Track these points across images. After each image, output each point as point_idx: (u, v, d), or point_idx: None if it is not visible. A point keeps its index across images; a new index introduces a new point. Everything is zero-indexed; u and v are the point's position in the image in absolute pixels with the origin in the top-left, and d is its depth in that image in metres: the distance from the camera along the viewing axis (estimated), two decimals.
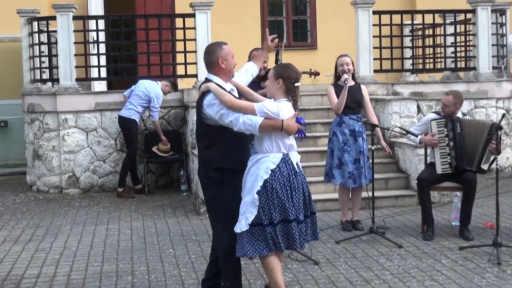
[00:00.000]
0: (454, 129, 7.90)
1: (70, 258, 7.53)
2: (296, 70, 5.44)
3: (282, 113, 5.28)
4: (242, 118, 5.25)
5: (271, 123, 5.25)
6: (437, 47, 13.70)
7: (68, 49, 11.63)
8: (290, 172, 5.35)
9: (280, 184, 5.29)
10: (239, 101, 5.33)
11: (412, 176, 9.91)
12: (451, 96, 7.99)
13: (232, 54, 5.60)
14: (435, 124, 8.02)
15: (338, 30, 15.04)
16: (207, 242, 7.95)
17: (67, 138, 11.62)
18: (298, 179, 5.38)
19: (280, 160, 5.33)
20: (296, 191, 5.36)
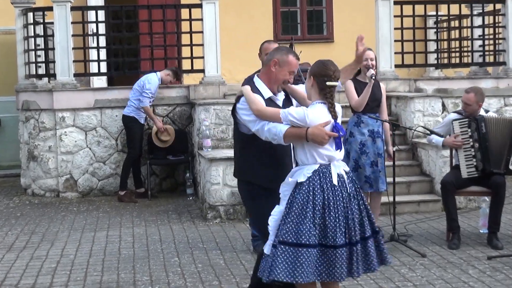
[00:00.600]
0: (479, 129, 7.87)
1: (68, 267, 7.55)
2: (333, 66, 5.05)
3: (310, 119, 4.94)
4: (268, 126, 5.03)
5: (294, 131, 4.96)
6: (463, 40, 13.66)
7: (66, 42, 11.66)
8: (325, 187, 4.93)
9: (303, 200, 4.90)
10: (266, 109, 5.11)
11: (436, 180, 9.88)
12: (472, 94, 7.95)
13: (292, 70, 5.29)
14: (457, 124, 8.00)
15: (356, 22, 15.01)
16: (215, 250, 7.96)
17: (64, 138, 11.66)
18: (337, 194, 4.92)
19: (313, 172, 4.96)
20: (332, 210, 4.88)
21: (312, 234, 4.85)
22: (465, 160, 7.93)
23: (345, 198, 4.94)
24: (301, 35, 15.34)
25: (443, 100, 11.75)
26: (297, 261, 4.83)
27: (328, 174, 4.96)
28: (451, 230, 7.95)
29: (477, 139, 7.88)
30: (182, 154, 11.75)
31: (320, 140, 4.92)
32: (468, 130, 7.93)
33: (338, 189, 4.94)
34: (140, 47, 13.02)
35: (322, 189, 4.91)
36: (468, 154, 7.92)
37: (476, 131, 7.89)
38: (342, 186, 4.97)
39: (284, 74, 5.30)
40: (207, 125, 10.58)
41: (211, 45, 11.85)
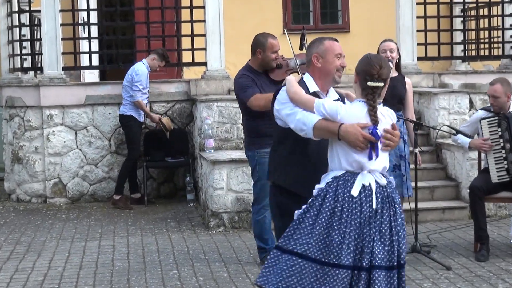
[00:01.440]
0: (510, 127, 7.86)
1: (56, 280, 7.57)
2: (380, 63, 4.87)
3: (342, 116, 4.81)
4: (300, 115, 4.93)
5: (326, 124, 4.82)
6: (493, 30, 13.64)
7: (54, 32, 11.69)
8: (340, 196, 4.76)
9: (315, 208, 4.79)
10: (303, 93, 5.01)
11: (463, 185, 9.89)
12: (498, 85, 7.91)
13: (336, 53, 5.22)
14: (486, 123, 7.99)
15: (374, 10, 15.00)
16: (218, 261, 7.99)
17: (52, 138, 11.69)
18: (354, 207, 4.72)
19: (333, 178, 4.84)
20: (342, 223, 4.71)
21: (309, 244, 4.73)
22: (495, 163, 7.93)
23: (364, 214, 4.71)
24: (314, 25, 15.34)
25: (470, 96, 11.72)
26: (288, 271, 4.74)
27: (350, 183, 4.77)
28: (479, 240, 7.95)
29: (508, 139, 7.87)
30: (182, 155, 11.77)
31: (353, 140, 4.75)
32: (498, 130, 7.92)
33: (357, 201, 4.72)
34: (136, 37, 13.05)
35: (336, 198, 4.74)
36: (498, 156, 7.92)
37: (507, 130, 7.87)
38: (364, 200, 4.74)
39: (333, 62, 5.22)
40: (209, 124, 10.60)
41: (214, 36, 11.88)
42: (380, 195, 4.77)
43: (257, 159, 7.54)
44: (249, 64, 7.70)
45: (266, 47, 7.55)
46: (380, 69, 4.83)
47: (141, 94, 11.09)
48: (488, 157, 7.97)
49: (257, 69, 7.62)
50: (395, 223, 4.77)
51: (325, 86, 5.29)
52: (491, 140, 7.93)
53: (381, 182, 4.81)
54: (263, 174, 7.50)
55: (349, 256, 4.66)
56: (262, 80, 7.57)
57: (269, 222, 7.70)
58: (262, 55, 7.56)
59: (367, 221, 4.70)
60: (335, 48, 5.22)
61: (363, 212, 4.71)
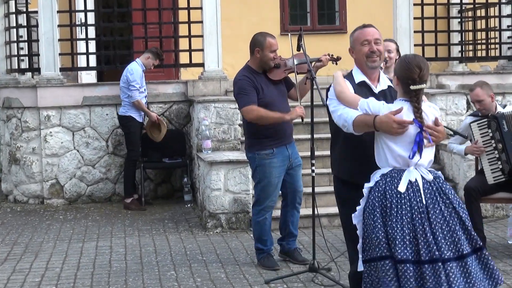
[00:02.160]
0: (500, 127, 7.87)
1: (53, 281, 7.58)
2: (420, 65, 4.88)
3: (383, 112, 4.89)
4: (341, 111, 5.05)
5: (363, 118, 4.92)
6: (490, 31, 13.65)
7: (51, 33, 11.68)
8: (389, 193, 4.83)
9: (370, 207, 4.88)
10: (347, 94, 5.10)
11: (460, 185, 9.89)
12: (478, 89, 7.98)
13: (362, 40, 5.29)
14: (476, 126, 7.99)
15: (372, 11, 15.00)
16: (215, 262, 7.99)
17: (49, 139, 11.69)
18: (404, 203, 4.77)
19: (381, 176, 4.92)
20: (393, 219, 4.76)
21: (381, 244, 4.78)
22: (489, 164, 7.93)
23: (415, 209, 4.76)
24: (311, 26, 15.34)
25: (467, 97, 11.74)
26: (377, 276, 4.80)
27: (398, 179, 4.85)
28: None
29: (500, 139, 7.88)
30: (179, 156, 11.77)
31: (387, 128, 4.82)
32: (489, 131, 7.92)
33: (406, 197, 4.79)
34: (133, 38, 13.06)
35: (385, 195, 4.82)
36: (491, 157, 7.92)
37: (497, 130, 7.88)
38: (413, 196, 4.80)
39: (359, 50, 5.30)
40: (207, 125, 10.61)
41: (211, 37, 11.88)
42: (428, 190, 4.84)
43: (257, 161, 7.55)
44: (248, 64, 7.72)
45: (264, 46, 7.57)
46: (420, 71, 4.87)
47: (138, 93, 11.07)
48: (482, 159, 7.98)
49: (256, 69, 7.64)
50: (452, 214, 4.85)
51: (369, 74, 5.32)
52: (483, 142, 7.93)
53: (427, 177, 4.88)
54: (263, 176, 7.53)
55: (405, 250, 4.70)
56: (261, 80, 7.59)
57: (269, 223, 7.73)
58: (260, 54, 7.59)
59: (419, 216, 4.76)
60: (361, 36, 5.29)
61: (413, 207, 4.77)
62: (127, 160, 11.41)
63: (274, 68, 7.67)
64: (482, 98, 7.92)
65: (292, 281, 7.20)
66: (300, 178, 7.86)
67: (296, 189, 7.75)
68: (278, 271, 7.47)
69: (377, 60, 5.30)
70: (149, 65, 11.33)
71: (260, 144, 7.49)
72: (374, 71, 5.33)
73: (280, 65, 7.72)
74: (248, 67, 7.69)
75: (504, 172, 7.88)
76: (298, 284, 7.15)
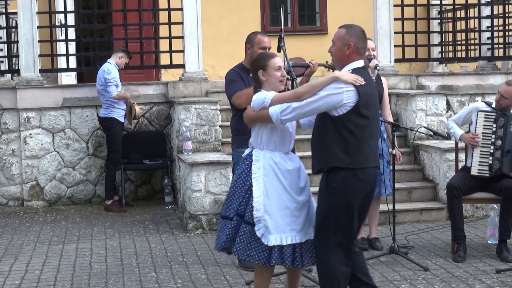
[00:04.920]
0: (506, 126, 7.89)
1: (33, 283, 7.55)
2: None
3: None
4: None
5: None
6: (470, 31, 13.72)
7: (31, 34, 11.64)
8: None
9: None
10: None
11: (441, 186, 9.94)
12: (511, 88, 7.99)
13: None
14: (483, 116, 8.01)
15: (352, 12, 15.05)
16: (196, 264, 7.98)
17: (29, 141, 11.65)
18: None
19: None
20: None
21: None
22: (479, 157, 7.95)
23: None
24: (292, 27, 15.37)
25: (447, 98, 11.81)
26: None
27: None
28: (456, 240, 7.99)
29: (502, 136, 7.90)
30: (159, 158, 11.76)
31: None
32: (493, 125, 7.94)
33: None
34: (113, 40, 13.00)
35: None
36: (485, 150, 7.94)
37: (502, 128, 7.91)
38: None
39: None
40: (187, 126, 10.60)
41: (192, 38, 11.87)
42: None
43: (235, 158, 7.55)
44: (241, 63, 7.73)
45: (254, 42, 7.59)
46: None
47: (116, 88, 11.02)
48: (474, 150, 7.99)
49: (248, 67, 7.61)
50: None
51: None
52: (482, 134, 7.96)
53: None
54: None
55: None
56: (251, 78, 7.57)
57: None
58: (250, 50, 7.59)
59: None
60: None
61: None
62: (108, 161, 11.37)
63: None
64: (508, 98, 7.93)
65: (273, 282, 7.18)
66: None
67: None
68: None
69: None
70: (123, 64, 11.32)
71: (239, 141, 7.46)
72: None
73: None
74: (240, 64, 7.72)
75: (492, 169, 7.91)
76: (279, 285, 7.16)
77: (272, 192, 5.80)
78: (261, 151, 5.91)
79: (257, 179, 5.82)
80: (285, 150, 5.95)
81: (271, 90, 5.94)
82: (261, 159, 5.87)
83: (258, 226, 5.75)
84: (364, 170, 5.56)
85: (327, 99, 5.48)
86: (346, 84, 5.46)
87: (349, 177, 5.54)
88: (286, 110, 5.64)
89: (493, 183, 7.97)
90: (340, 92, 5.46)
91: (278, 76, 5.99)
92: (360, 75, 5.55)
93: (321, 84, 5.53)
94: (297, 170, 5.92)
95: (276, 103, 5.70)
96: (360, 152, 5.54)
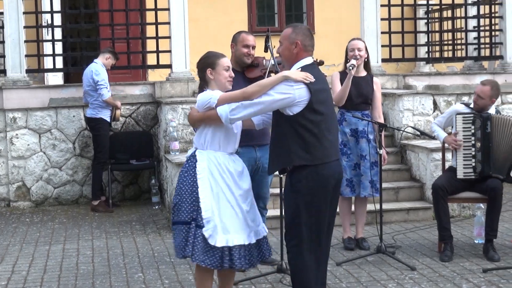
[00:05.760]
0: (484, 127, 7.92)
1: (20, 284, 7.52)
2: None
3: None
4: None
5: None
6: (457, 31, 13.77)
7: (17, 34, 11.61)
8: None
9: None
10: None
11: (427, 185, 9.96)
12: (488, 87, 7.96)
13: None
14: (460, 119, 8.03)
15: (339, 12, 15.09)
16: (183, 264, 7.97)
17: (15, 141, 11.61)
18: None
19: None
20: None
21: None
22: (463, 159, 7.97)
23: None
24: (279, 27, 15.37)
25: (434, 97, 11.84)
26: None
27: None
28: (443, 240, 8.00)
29: (480, 138, 7.93)
30: (146, 158, 11.74)
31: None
32: (472, 127, 7.96)
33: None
34: (100, 40, 12.99)
35: None
36: (467, 153, 7.96)
37: (480, 129, 7.93)
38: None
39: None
40: (174, 126, 10.59)
41: (178, 38, 11.86)
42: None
43: None
44: None
45: (238, 40, 7.56)
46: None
47: (107, 91, 11.01)
48: (458, 153, 8.01)
49: (234, 67, 7.58)
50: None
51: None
52: (463, 136, 7.97)
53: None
54: None
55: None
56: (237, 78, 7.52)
57: None
58: (234, 48, 7.57)
59: None
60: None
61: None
62: (95, 162, 11.35)
63: (253, 67, 7.60)
64: (485, 98, 7.94)
65: (260, 282, 7.20)
66: (267, 184, 7.63)
67: (260, 195, 7.42)
68: (246, 272, 7.44)
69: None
70: (109, 65, 11.29)
71: None
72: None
73: (259, 64, 7.68)
74: None
75: (476, 170, 7.94)
76: (266, 285, 7.16)
77: (218, 193, 5.81)
78: (204, 151, 5.90)
79: (202, 180, 5.81)
80: (229, 150, 5.96)
81: (218, 89, 5.93)
82: (205, 159, 5.86)
83: (206, 226, 5.73)
84: (326, 165, 5.58)
85: (277, 98, 5.52)
86: (296, 82, 5.49)
87: (312, 174, 5.56)
88: (235, 110, 5.66)
89: (479, 183, 7.99)
90: (291, 91, 5.49)
91: (227, 75, 5.99)
92: (310, 72, 5.59)
93: (271, 83, 5.56)
94: (240, 172, 5.96)
95: (223, 103, 5.70)
96: (320, 148, 5.56)
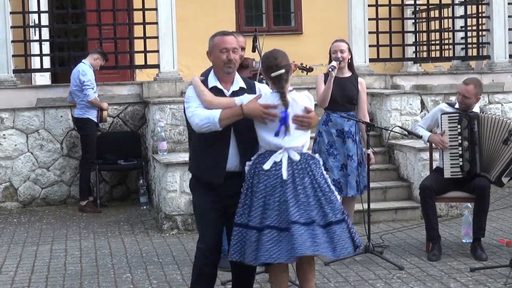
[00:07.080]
0: (470, 126, 7.93)
1: (7, 285, 7.50)
2: (275, 55, 5.61)
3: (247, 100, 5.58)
4: (199, 111, 5.57)
5: (229, 112, 5.52)
6: (444, 31, 13.80)
7: (4, 34, 11.57)
8: (255, 171, 5.58)
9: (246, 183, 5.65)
10: (221, 100, 5.62)
11: (415, 185, 9.97)
12: (471, 86, 7.96)
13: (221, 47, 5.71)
14: (446, 118, 8.04)
15: (327, 12, 15.10)
16: (171, 264, 7.97)
17: (3, 141, 11.58)
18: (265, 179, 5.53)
19: (257, 156, 5.64)
20: (256, 192, 5.54)
21: (239, 215, 5.58)
22: (450, 159, 7.98)
23: (271, 183, 5.48)
24: (266, 26, 15.39)
25: (422, 97, 11.87)
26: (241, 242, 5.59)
27: (267, 159, 5.54)
28: (431, 240, 8.03)
29: (467, 137, 7.94)
30: (134, 158, 11.73)
31: (257, 114, 5.48)
32: (458, 126, 7.97)
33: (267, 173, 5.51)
34: (88, 40, 12.98)
35: (251, 174, 5.58)
36: (454, 152, 7.98)
37: (466, 128, 7.94)
38: (274, 172, 5.50)
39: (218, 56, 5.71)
40: (162, 126, 10.58)
41: (166, 38, 11.85)
42: (291, 167, 5.49)
43: None
44: None
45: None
46: (276, 59, 5.57)
47: (93, 92, 10.99)
48: (444, 152, 8.03)
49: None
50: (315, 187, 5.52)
51: (223, 78, 5.76)
52: (449, 136, 7.99)
53: (294, 158, 5.52)
54: None
55: (256, 219, 5.47)
56: None
57: None
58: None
59: (272, 189, 5.48)
60: (221, 43, 5.71)
61: (270, 182, 5.49)
62: (83, 162, 11.32)
63: (242, 68, 7.51)
64: (470, 96, 7.94)
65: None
66: None
67: None
68: None
69: (233, 67, 5.72)
70: (97, 65, 11.27)
71: None
72: (229, 76, 5.76)
73: (248, 65, 7.65)
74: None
75: (463, 169, 7.95)
76: (254, 285, 7.13)
77: None
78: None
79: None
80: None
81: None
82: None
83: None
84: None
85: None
86: None
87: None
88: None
89: (466, 182, 8.01)
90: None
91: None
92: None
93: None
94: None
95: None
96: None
